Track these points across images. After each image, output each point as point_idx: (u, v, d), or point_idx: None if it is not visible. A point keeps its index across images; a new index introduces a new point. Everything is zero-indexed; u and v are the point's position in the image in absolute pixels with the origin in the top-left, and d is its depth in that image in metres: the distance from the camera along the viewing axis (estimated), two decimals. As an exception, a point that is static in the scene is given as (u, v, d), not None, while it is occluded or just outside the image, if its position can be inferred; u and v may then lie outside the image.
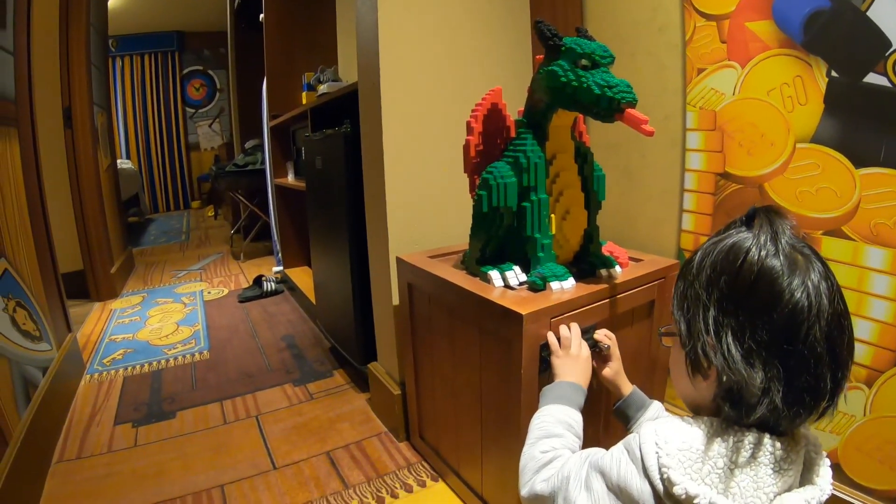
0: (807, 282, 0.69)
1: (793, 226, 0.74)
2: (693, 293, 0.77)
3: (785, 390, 0.68)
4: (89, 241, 3.85)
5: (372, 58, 1.79)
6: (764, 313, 0.69)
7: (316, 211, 2.68)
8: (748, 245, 0.72)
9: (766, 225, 0.73)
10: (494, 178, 1.31)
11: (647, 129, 1.07)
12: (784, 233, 0.72)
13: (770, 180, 1.43)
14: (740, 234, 0.75)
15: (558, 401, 1.07)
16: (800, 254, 0.72)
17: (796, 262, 0.70)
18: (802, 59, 1.32)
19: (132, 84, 8.71)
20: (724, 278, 0.73)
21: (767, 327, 0.69)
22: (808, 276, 0.69)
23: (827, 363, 0.68)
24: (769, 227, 0.73)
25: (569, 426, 1.02)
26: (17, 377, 1.82)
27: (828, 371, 0.69)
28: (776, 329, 0.69)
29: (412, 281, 1.69)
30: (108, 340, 3.18)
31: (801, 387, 0.68)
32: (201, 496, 1.75)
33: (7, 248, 1.96)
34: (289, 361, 2.80)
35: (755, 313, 0.70)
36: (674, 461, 0.71)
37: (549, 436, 0.99)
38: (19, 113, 2.31)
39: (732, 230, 0.78)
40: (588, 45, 1.17)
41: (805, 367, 0.68)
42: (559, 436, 0.99)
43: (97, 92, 4.21)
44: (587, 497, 0.81)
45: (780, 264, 0.70)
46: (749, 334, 0.70)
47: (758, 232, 0.73)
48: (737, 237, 0.75)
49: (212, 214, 8.33)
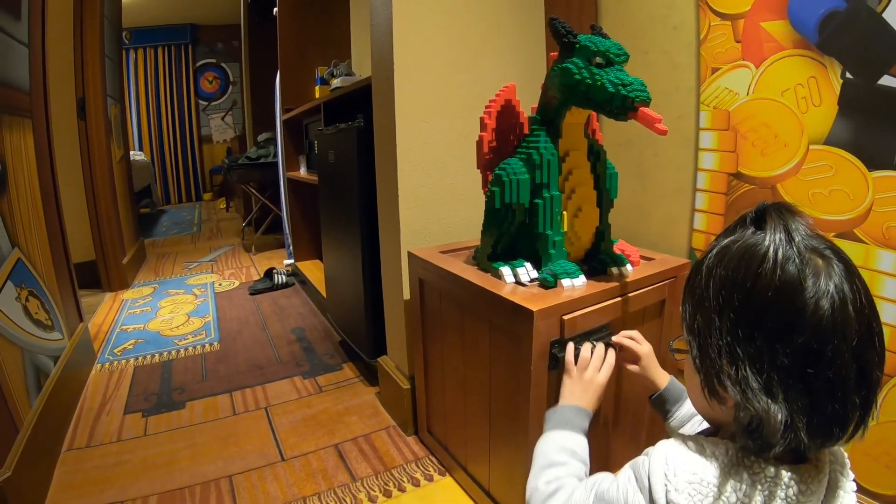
0: (830, 289, 0.61)
1: (808, 224, 0.67)
2: (704, 315, 0.70)
3: (809, 421, 0.62)
4: (101, 231, 3.87)
5: (386, 52, 1.80)
6: (784, 335, 0.62)
7: (328, 204, 2.69)
8: (761, 253, 0.65)
9: (780, 226, 0.65)
10: (507, 174, 1.31)
11: (661, 128, 1.07)
12: (799, 232, 0.65)
13: (783, 181, 1.43)
14: (751, 238, 0.67)
15: (562, 426, 1.04)
16: (820, 256, 0.64)
17: (817, 268, 0.62)
18: (817, 60, 1.32)
19: (145, 76, 8.73)
20: (736, 297, 0.66)
21: (789, 351, 0.61)
22: (830, 282, 0.61)
23: (856, 386, 0.61)
24: (783, 229, 0.65)
25: (572, 453, 0.98)
26: (28, 366, 1.84)
27: (856, 395, 0.61)
28: (799, 352, 0.61)
29: (423, 276, 1.69)
30: (120, 330, 3.20)
31: (828, 415, 0.62)
32: (210, 486, 1.76)
33: (20, 237, 1.97)
34: (298, 354, 2.81)
35: (774, 337, 0.62)
36: (683, 496, 0.67)
37: (552, 465, 0.96)
38: (34, 104, 2.33)
39: (741, 231, 0.70)
40: (602, 43, 1.17)
41: (832, 394, 0.61)
42: (563, 464, 0.96)
43: (111, 84, 4.23)
44: None
45: (798, 273, 0.62)
46: (768, 362, 0.63)
47: (771, 235, 0.65)
48: (747, 242, 0.67)
49: (223, 207, 8.35)
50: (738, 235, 0.70)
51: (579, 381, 1.12)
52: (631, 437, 1.52)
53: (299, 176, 3.90)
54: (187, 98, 9.07)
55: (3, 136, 1.93)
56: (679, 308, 1.45)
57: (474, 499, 1.66)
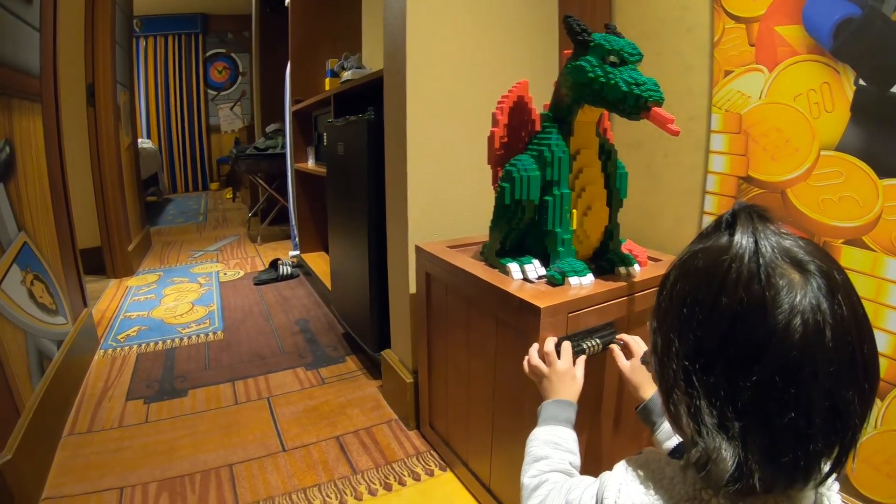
0: (803, 308, 0.52)
1: (780, 229, 0.58)
2: (664, 333, 0.63)
3: (765, 467, 0.54)
4: (108, 218, 3.89)
5: (398, 45, 1.80)
6: (745, 365, 0.54)
7: (336, 197, 2.69)
8: (723, 269, 0.57)
9: (748, 233, 0.57)
10: (518, 170, 1.31)
11: (673, 129, 1.07)
12: (769, 241, 0.56)
13: (793, 186, 1.43)
14: (719, 247, 0.59)
15: (545, 422, 1.06)
16: (797, 268, 0.55)
17: (791, 284, 0.53)
18: (831, 66, 1.32)
19: (155, 64, 8.73)
20: (696, 317, 0.58)
21: (749, 384, 0.53)
22: (804, 300, 0.52)
23: (824, 430, 0.52)
24: (751, 237, 0.57)
25: (555, 445, 1.00)
26: (31, 349, 1.85)
27: (823, 441, 0.53)
28: (761, 387, 0.53)
29: (430, 270, 1.70)
30: (123, 317, 3.21)
31: (788, 463, 0.53)
32: (210, 474, 1.77)
33: (27, 221, 1.98)
34: (302, 345, 2.82)
35: (735, 366, 0.55)
36: None
37: (535, 460, 0.99)
38: (43, 89, 2.33)
39: (714, 236, 0.61)
40: (617, 42, 1.17)
41: (795, 438, 0.53)
42: (545, 458, 0.98)
43: (121, 71, 4.24)
44: None
45: (762, 294, 0.53)
46: (725, 398, 0.55)
47: (738, 245, 0.57)
48: (714, 253, 0.59)
49: (230, 197, 8.35)
50: (709, 244, 0.61)
51: (552, 375, 1.14)
52: (632, 437, 1.52)
53: (307, 168, 3.90)
54: (196, 87, 9.06)
55: (12, 119, 1.93)
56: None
57: (474, 494, 1.66)
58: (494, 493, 1.56)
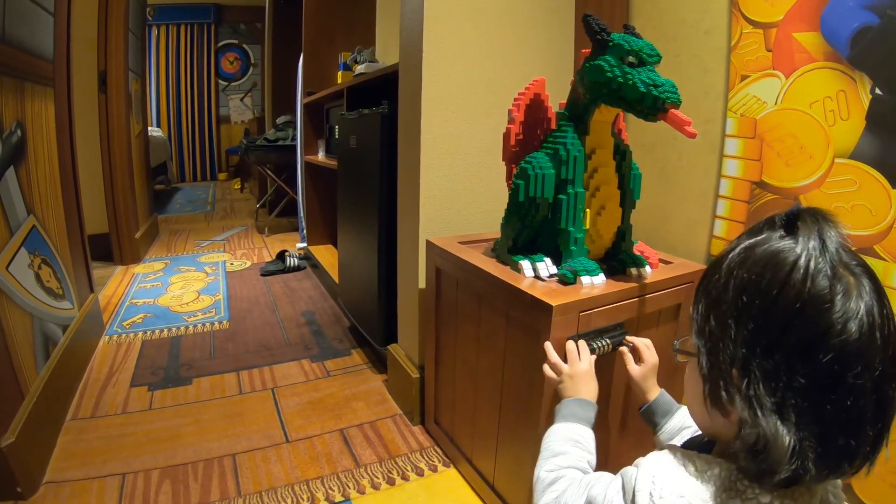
0: (860, 311, 0.56)
1: (842, 235, 0.60)
2: (719, 319, 0.64)
3: (819, 451, 0.57)
4: (116, 204, 3.90)
5: (415, 40, 1.80)
6: (806, 354, 0.56)
7: (346, 189, 2.69)
8: (791, 260, 0.59)
9: (814, 233, 0.59)
10: (533, 168, 1.31)
11: (690, 131, 1.07)
12: (833, 242, 0.59)
13: (806, 193, 1.43)
14: (780, 242, 0.61)
15: (565, 419, 1.06)
16: (851, 273, 0.58)
17: (848, 286, 0.57)
18: (847, 74, 1.31)
19: (167, 53, 8.75)
20: (757, 304, 0.60)
21: (808, 371, 0.56)
22: (860, 302, 0.56)
23: (872, 418, 0.57)
24: (817, 237, 0.59)
25: (575, 442, 1.00)
26: (37, 333, 1.86)
27: (872, 428, 0.57)
28: (819, 374, 0.56)
29: (441, 265, 1.70)
30: (129, 304, 3.22)
31: (840, 447, 0.57)
32: (213, 463, 1.78)
33: (36, 205, 1.99)
34: (307, 337, 2.82)
35: (795, 354, 0.57)
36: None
37: (553, 455, 0.98)
38: (56, 73, 2.34)
39: (768, 233, 0.63)
40: (636, 43, 1.17)
41: (847, 423, 0.57)
42: (563, 454, 0.98)
43: (133, 58, 4.25)
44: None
45: (829, 289, 0.56)
46: (785, 380, 0.57)
47: (803, 242, 0.59)
48: (776, 247, 0.61)
49: (238, 187, 8.37)
50: (764, 237, 0.63)
51: (573, 375, 1.14)
52: (638, 439, 1.52)
53: (317, 160, 3.90)
54: (207, 77, 9.08)
55: (24, 102, 1.94)
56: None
57: (478, 492, 1.67)
58: (498, 491, 1.56)
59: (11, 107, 1.81)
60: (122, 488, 1.64)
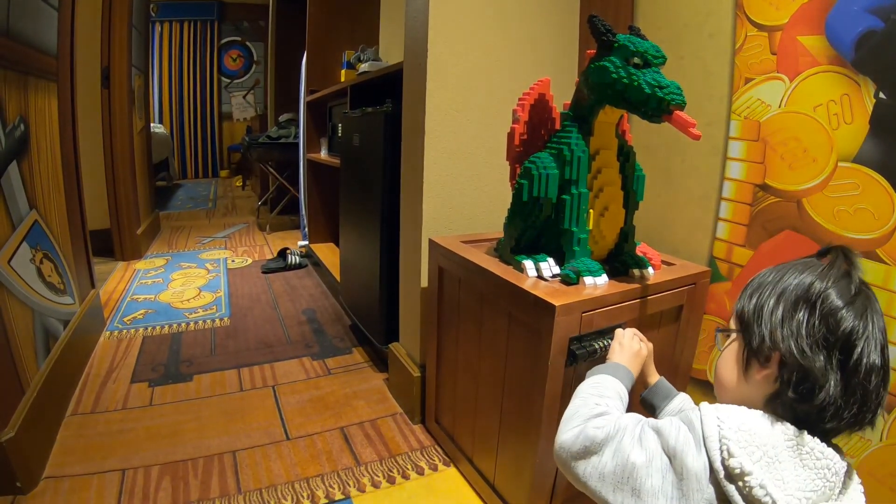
0: (868, 313, 0.73)
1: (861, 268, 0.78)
2: (763, 292, 0.80)
3: (843, 383, 0.71)
4: (118, 200, 3.90)
5: (420, 38, 1.80)
6: (829, 319, 0.72)
7: (349, 188, 2.69)
8: (817, 274, 0.77)
9: (841, 260, 0.78)
10: (537, 167, 1.31)
11: (695, 133, 1.07)
12: (858, 269, 0.77)
13: (809, 196, 1.43)
14: (812, 265, 0.80)
15: (612, 373, 1.06)
16: (864, 291, 0.76)
17: (858, 296, 0.74)
18: (851, 78, 1.31)
19: (170, 50, 8.74)
20: (795, 290, 0.77)
21: (832, 331, 0.72)
22: (870, 310, 0.74)
23: (880, 376, 0.72)
24: (844, 264, 0.78)
25: (619, 396, 1.00)
26: (38, 328, 1.86)
27: (880, 382, 0.72)
28: (838, 335, 0.71)
29: (443, 264, 1.70)
30: (130, 299, 3.22)
31: (856, 386, 0.71)
32: (213, 460, 1.78)
33: (39, 200, 1.99)
34: (308, 335, 2.82)
35: (821, 317, 0.73)
36: (733, 436, 0.71)
37: (602, 395, 0.97)
38: (60, 68, 2.34)
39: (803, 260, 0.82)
40: (641, 44, 1.17)
41: (859, 372, 0.71)
42: (611, 398, 0.98)
43: (136, 54, 4.26)
44: (641, 453, 0.78)
45: (844, 295, 0.74)
46: (816, 329, 0.73)
47: (831, 265, 0.78)
48: (808, 269, 0.79)
49: (240, 185, 8.37)
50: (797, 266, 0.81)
51: (629, 348, 1.15)
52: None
53: (320, 158, 3.89)
54: (210, 74, 9.07)
55: (28, 97, 1.94)
56: (695, 316, 1.47)
57: (478, 491, 1.67)
58: (499, 491, 1.56)
59: (15, 101, 1.81)
60: (122, 484, 1.64)
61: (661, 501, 0.74)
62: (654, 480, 0.76)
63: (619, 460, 0.80)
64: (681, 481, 0.74)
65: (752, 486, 0.68)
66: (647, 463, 0.77)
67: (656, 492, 0.75)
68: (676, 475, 0.74)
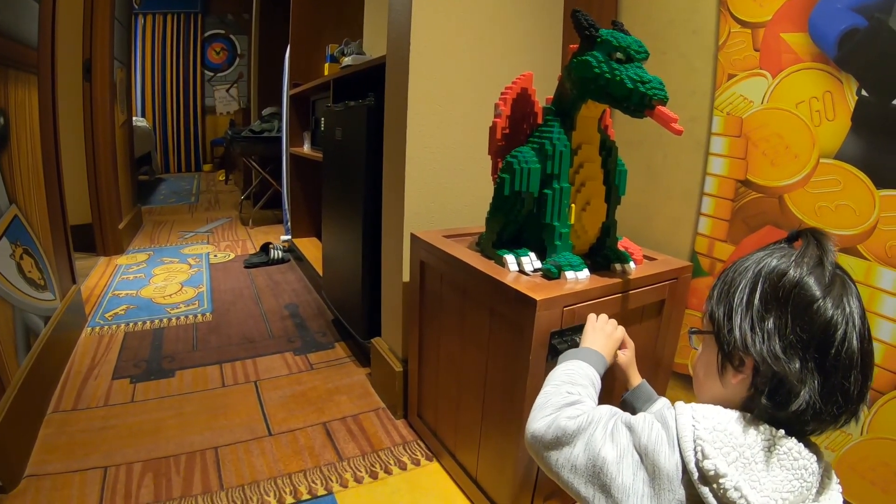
0: (844, 301, 0.71)
1: (834, 251, 0.76)
2: (734, 290, 0.78)
3: (820, 385, 0.69)
4: (99, 195, 3.87)
5: (403, 32, 1.79)
6: (804, 315, 0.71)
7: (331, 182, 2.68)
8: (790, 262, 0.74)
9: (813, 246, 0.75)
10: (519, 162, 1.31)
11: (677, 128, 1.07)
12: (830, 253, 0.74)
13: (790, 192, 1.43)
14: (784, 253, 0.77)
15: (585, 359, 1.06)
16: (839, 276, 0.74)
17: (833, 284, 0.72)
18: (834, 75, 1.32)
19: (153, 43, 8.69)
20: (766, 284, 0.75)
21: (806, 328, 0.70)
22: (846, 297, 0.72)
23: (859, 369, 0.70)
24: (815, 249, 0.75)
25: (592, 383, 1.00)
26: (18, 324, 1.84)
27: (859, 376, 0.70)
28: (814, 331, 0.70)
29: (425, 258, 1.69)
30: (112, 295, 3.20)
31: (835, 386, 0.69)
32: (195, 456, 1.77)
33: (19, 195, 1.96)
34: (291, 330, 2.81)
35: (795, 314, 0.71)
36: (708, 437, 0.71)
37: (574, 383, 0.97)
38: (40, 61, 2.31)
39: (773, 248, 0.80)
40: (624, 39, 1.17)
41: (838, 370, 0.69)
42: (584, 386, 0.97)
43: (118, 47, 4.22)
44: (612, 448, 0.78)
45: (818, 284, 0.72)
46: (790, 329, 0.71)
47: (803, 252, 0.75)
48: (780, 258, 0.76)
49: (222, 179, 8.33)
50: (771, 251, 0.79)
51: (601, 330, 1.16)
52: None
53: (303, 152, 3.88)
54: (193, 67, 9.03)
55: (7, 90, 1.91)
56: (677, 311, 1.47)
57: (460, 485, 1.67)
58: (481, 485, 1.56)
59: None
60: (104, 481, 1.63)
61: (632, 500, 0.74)
62: (624, 477, 0.75)
63: (590, 454, 0.80)
64: (652, 480, 0.73)
65: (727, 488, 0.67)
66: (618, 459, 0.77)
67: (627, 489, 0.75)
68: (648, 473, 0.74)
